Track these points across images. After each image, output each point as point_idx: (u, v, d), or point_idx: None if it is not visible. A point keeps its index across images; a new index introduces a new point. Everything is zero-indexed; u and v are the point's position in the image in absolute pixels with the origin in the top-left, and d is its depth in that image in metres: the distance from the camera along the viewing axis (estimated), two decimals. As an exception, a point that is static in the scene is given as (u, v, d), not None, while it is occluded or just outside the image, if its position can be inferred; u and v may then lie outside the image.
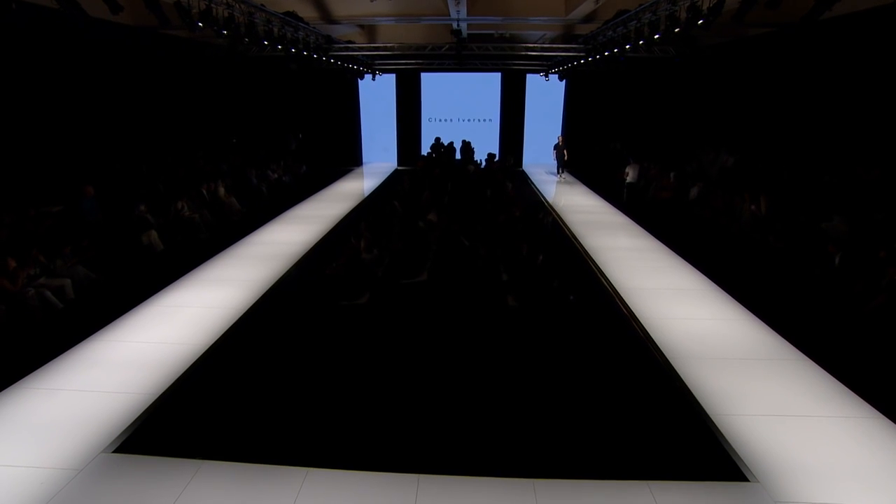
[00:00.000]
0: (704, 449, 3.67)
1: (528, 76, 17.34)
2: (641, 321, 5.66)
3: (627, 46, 8.30)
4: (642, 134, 15.56)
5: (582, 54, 11.30)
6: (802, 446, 3.67)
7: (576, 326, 5.49)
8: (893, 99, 7.74)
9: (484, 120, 18.11)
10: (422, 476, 3.32)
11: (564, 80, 17.03)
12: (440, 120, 17.80)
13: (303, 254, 7.87)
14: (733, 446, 3.65)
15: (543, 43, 12.94)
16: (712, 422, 3.95)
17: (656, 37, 7.13)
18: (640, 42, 7.71)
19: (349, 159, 17.90)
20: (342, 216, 10.41)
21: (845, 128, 8.85)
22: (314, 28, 10.36)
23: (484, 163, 13.77)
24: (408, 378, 4.50)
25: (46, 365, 4.59)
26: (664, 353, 4.98)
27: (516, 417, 3.98)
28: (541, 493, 3.18)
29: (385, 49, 12.18)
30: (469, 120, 18.08)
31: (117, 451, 3.54)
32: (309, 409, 4.06)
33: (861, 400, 4.20)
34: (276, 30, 8.49)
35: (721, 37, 11.89)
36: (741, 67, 11.81)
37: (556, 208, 11.36)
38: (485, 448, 3.63)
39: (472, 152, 14.57)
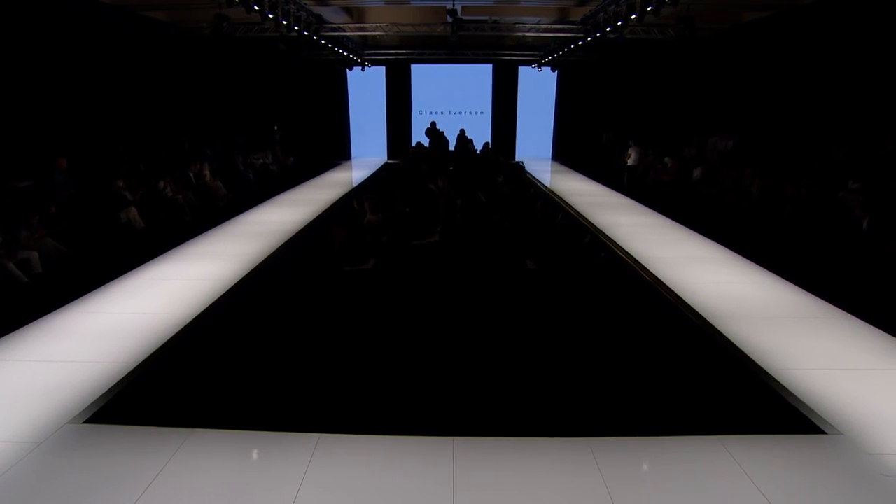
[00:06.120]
0: (768, 403, 3.26)
1: (520, 69, 17.10)
2: (669, 286, 5.28)
3: (633, 16, 8.01)
4: (638, 121, 15.38)
5: (581, 35, 11.02)
6: (876, 398, 3.29)
7: (602, 289, 5.08)
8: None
9: (475, 112, 17.78)
10: (457, 438, 2.82)
11: (556, 72, 16.82)
12: (431, 112, 17.40)
13: (296, 231, 7.33)
14: (801, 399, 3.25)
15: (538, 28, 12.67)
16: (770, 376, 3.54)
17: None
18: (649, 8, 7.43)
19: (338, 152, 17.38)
20: (334, 200, 9.90)
21: (852, 103, 8.69)
22: (305, 4, 9.91)
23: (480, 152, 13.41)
24: (425, 341, 4.00)
25: (6, 336, 3.97)
26: (700, 314, 4.59)
27: (554, 379, 3.52)
28: (600, 452, 2.71)
29: (378, 29, 11.76)
30: (461, 112, 17.73)
31: (88, 421, 2.97)
32: (316, 375, 3.53)
33: (922, 353, 3.86)
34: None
35: (717, 23, 11.81)
36: (737, 52, 11.71)
37: (557, 193, 11.03)
38: (525, 409, 3.16)
39: (469, 141, 14.18)
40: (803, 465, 2.66)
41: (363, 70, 16.51)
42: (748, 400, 3.32)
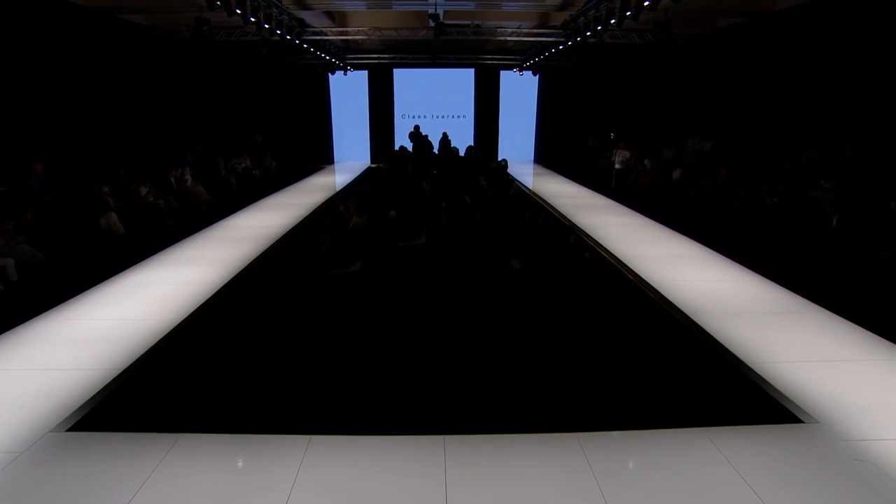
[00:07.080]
0: (750, 395, 3.36)
1: (502, 73, 17.27)
2: (652, 284, 5.39)
3: (613, 21, 8.16)
4: (617, 124, 15.64)
5: (561, 39, 11.20)
6: (850, 387, 3.41)
7: (587, 288, 5.16)
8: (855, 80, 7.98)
9: (458, 116, 17.88)
10: (448, 437, 2.84)
11: (538, 76, 17.03)
12: (413, 116, 17.46)
13: (282, 235, 7.29)
14: (780, 391, 3.36)
15: (519, 33, 12.82)
16: (751, 369, 3.65)
17: (646, 3, 7.01)
18: (628, 13, 7.59)
19: (321, 157, 17.29)
20: (318, 204, 9.85)
21: (822, 106, 8.99)
22: (286, 7, 9.86)
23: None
24: (414, 342, 4.01)
25: (-18, 345, 3.87)
26: (682, 310, 4.70)
27: (541, 376, 3.57)
28: (589, 446, 2.76)
29: (360, 33, 11.77)
30: (443, 116, 17.82)
31: (72, 429, 2.91)
32: (306, 377, 3.52)
33: (892, 344, 4.01)
34: (248, 2, 7.95)
35: (693, 28, 12.11)
36: (713, 56, 12.02)
37: (540, 195, 11.15)
38: (514, 406, 3.20)
39: (450, 143, 14.25)
40: (784, 452, 2.75)
41: (345, 74, 16.49)
42: (731, 393, 3.41)
